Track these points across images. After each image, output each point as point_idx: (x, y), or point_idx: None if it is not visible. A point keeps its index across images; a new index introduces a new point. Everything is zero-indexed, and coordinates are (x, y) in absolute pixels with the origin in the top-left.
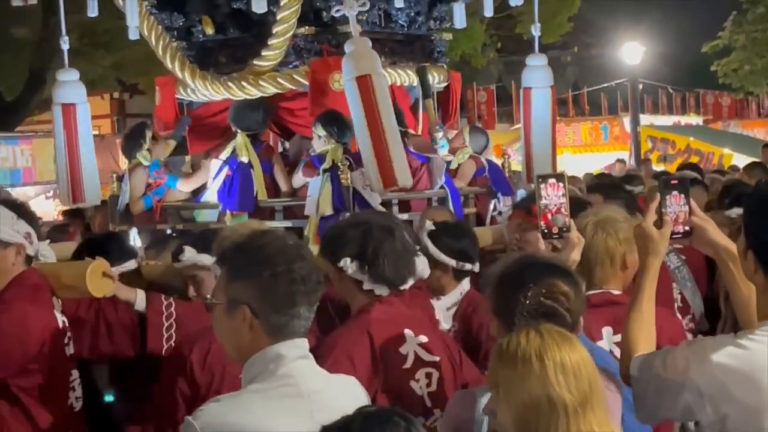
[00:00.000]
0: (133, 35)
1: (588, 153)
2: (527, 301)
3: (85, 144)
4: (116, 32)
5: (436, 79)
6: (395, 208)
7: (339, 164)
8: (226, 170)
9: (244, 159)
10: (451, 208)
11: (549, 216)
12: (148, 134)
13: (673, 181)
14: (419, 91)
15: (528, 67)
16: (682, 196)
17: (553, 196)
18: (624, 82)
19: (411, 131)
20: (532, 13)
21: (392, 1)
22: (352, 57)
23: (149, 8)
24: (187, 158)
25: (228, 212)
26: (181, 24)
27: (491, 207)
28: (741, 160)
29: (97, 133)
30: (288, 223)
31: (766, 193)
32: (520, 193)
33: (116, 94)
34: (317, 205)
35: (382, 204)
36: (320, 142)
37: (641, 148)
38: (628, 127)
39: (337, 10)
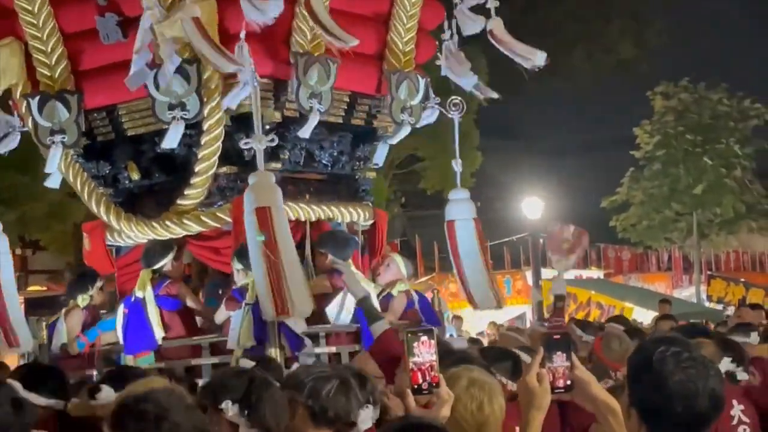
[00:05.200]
0: (52, 183)
1: None
2: None
3: (9, 293)
4: (18, 188)
5: (362, 217)
6: (322, 341)
7: None
8: (122, 308)
9: (139, 294)
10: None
11: (419, 373)
12: (98, 284)
13: (556, 337)
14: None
15: (450, 201)
16: (565, 351)
17: (424, 353)
18: (525, 236)
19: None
20: (435, 168)
21: (314, 141)
22: (253, 189)
23: (75, 157)
24: None
25: (130, 356)
26: (107, 171)
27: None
28: (642, 314)
29: None
30: (215, 359)
31: (649, 353)
32: (449, 329)
33: (18, 251)
34: (238, 339)
35: (309, 336)
36: (239, 275)
37: (544, 302)
38: (530, 281)
39: (246, 143)
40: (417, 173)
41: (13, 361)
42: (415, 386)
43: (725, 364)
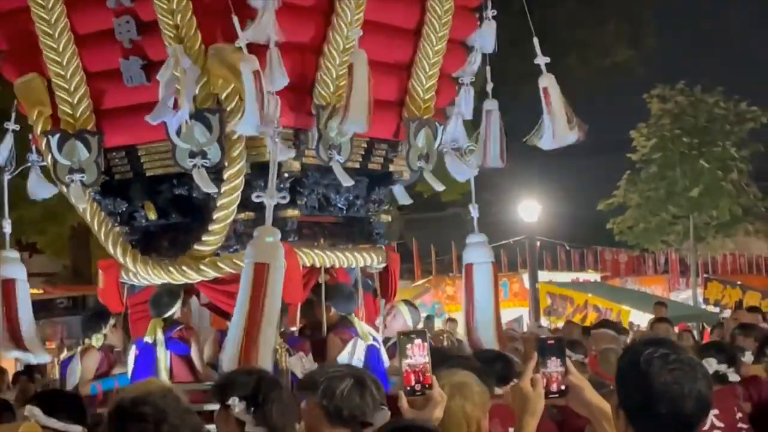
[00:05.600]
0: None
1: None
2: None
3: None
4: (14, 191)
5: (375, 261)
6: None
7: (277, 348)
8: (134, 349)
9: (149, 339)
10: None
11: (412, 375)
12: (111, 321)
13: (550, 342)
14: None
15: (469, 245)
16: (559, 356)
17: (417, 355)
18: (523, 239)
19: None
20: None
21: (331, 186)
22: (255, 244)
23: (93, 194)
24: None
25: None
26: (124, 209)
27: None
28: (638, 317)
29: None
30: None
31: (637, 354)
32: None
33: None
34: None
35: None
36: None
37: (540, 304)
38: (527, 284)
39: (258, 196)
40: None
41: (9, 366)
42: (408, 388)
43: (712, 365)
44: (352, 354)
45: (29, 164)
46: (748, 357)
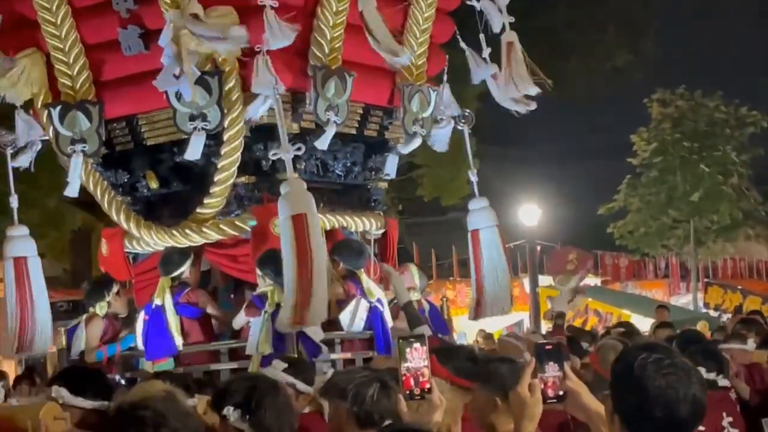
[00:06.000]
0: (72, 191)
1: None
2: None
3: (40, 295)
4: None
5: (374, 226)
6: (338, 347)
7: (281, 304)
8: (143, 315)
9: (158, 302)
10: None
11: (411, 379)
12: (114, 288)
13: (548, 347)
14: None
15: (472, 211)
16: (557, 361)
17: (416, 359)
18: (523, 243)
19: None
20: (432, 176)
21: (328, 152)
22: (288, 197)
23: (94, 165)
24: None
25: (150, 362)
26: (125, 180)
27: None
28: (639, 321)
29: None
30: (234, 364)
31: (631, 359)
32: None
33: None
34: (257, 345)
35: (325, 342)
36: (260, 281)
37: (541, 308)
38: (527, 288)
39: (274, 154)
40: (414, 180)
41: (9, 368)
42: (407, 391)
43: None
44: (354, 313)
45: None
46: (750, 344)
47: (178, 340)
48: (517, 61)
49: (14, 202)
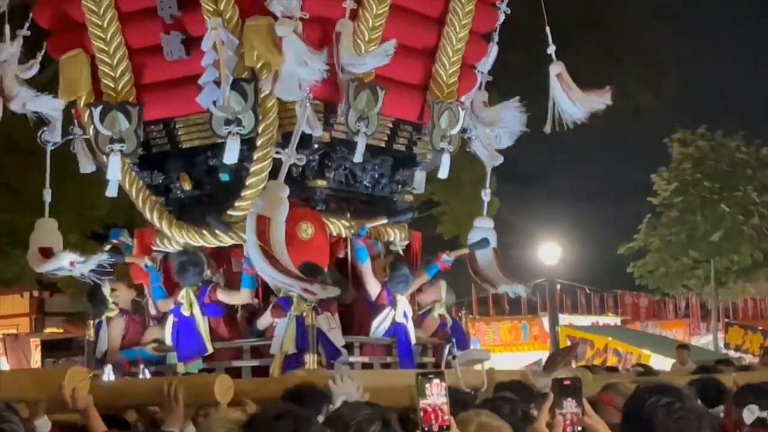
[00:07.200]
0: (111, 191)
1: (508, 352)
2: None
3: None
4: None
5: (398, 237)
6: (357, 350)
7: (304, 310)
8: (172, 317)
9: (186, 312)
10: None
11: (431, 415)
12: (106, 291)
13: (566, 383)
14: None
15: (475, 228)
16: (575, 397)
17: (435, 395)
18: (542, 282)
19: None
20: (451, 213)
21: (357, 163)
22: (263, 196)
23: (131, 165)
24: None
25: (182, 363)
26: (160, 181)
27: (445, 353)
28: (659, 361)
29: (14, 331)
30: (255, 362)
31: (639, 402)
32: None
33: (36, 293)
34: (281, 345)
35: (345, 346)
36: None
37: (560, 347)
38: (547, 327)
39: (277, 151)
40: (434, 218)
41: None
42: (426, 428)
43: (754, 412)
44: (383, 321)
45: (72, 137)
46: None
47: (209, 343)
48: (571, 88)
49: (47, 196)
